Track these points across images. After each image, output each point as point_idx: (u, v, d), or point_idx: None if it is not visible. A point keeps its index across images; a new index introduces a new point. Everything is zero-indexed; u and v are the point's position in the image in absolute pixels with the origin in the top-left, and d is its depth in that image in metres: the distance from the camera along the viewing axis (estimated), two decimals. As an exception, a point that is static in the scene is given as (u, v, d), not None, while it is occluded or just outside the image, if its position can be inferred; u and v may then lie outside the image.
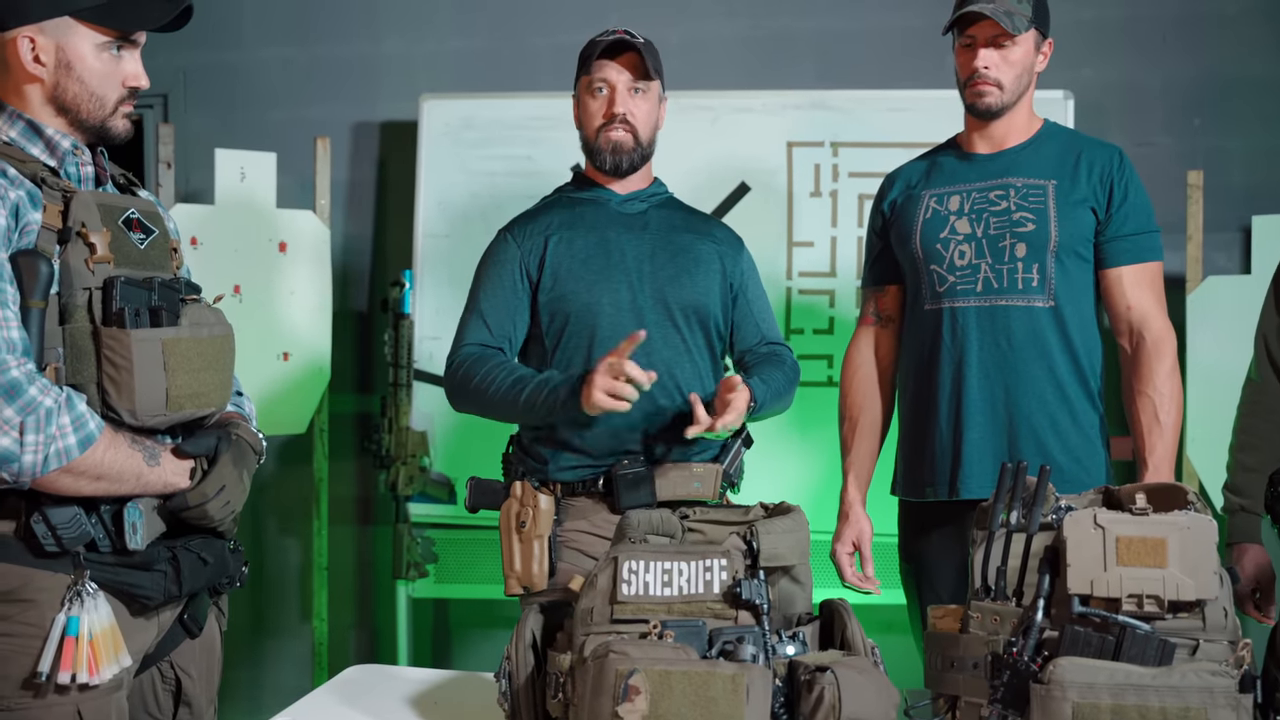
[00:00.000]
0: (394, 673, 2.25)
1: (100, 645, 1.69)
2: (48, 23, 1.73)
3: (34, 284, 1.66)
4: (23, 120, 1.76)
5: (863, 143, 3.68)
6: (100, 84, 1.77)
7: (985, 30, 2.42)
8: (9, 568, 1.69)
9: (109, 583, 1.73)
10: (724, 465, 2.41)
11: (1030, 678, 1.49)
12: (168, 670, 1.90)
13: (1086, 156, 2.47)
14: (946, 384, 2.46)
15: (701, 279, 2.47)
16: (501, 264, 2.46)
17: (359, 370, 4.14)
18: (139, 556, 1.74)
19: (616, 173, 2.46)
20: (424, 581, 3.81)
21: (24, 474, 1.63)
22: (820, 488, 3.34)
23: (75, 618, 1.68)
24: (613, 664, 1.47)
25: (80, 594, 1.69)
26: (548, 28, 4.04)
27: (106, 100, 1.78)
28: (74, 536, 1.69)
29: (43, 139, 1.77)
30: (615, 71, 2.41)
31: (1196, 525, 1.51)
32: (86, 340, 1.70)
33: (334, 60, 4.13)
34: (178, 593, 1.80)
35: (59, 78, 1.75)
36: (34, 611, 1.69)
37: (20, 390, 1.61)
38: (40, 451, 1.62)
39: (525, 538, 2.35)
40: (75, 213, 1.71)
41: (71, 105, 1.77)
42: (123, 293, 1.71)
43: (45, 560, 1.69)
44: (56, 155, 1.78)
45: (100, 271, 1.72)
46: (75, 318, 1.70)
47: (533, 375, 2.34)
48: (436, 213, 3.80)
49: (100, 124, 1.79)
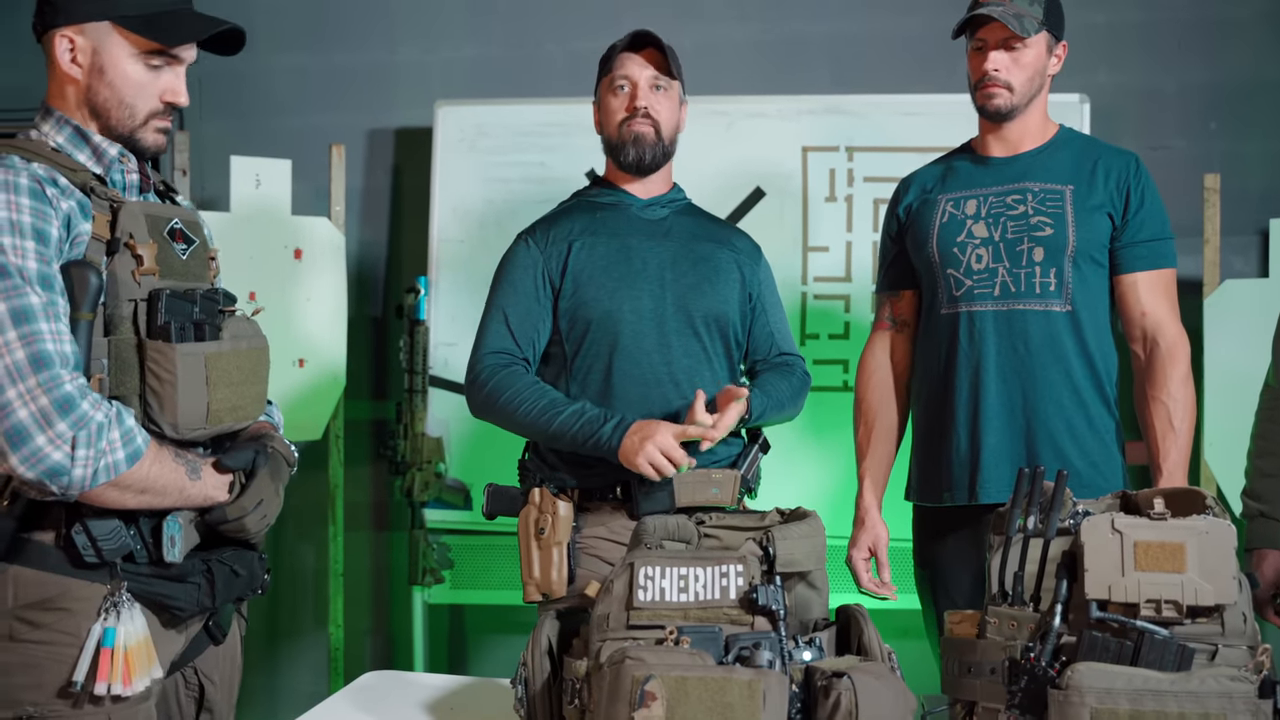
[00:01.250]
0: (410, 679, 2.26)
1: (134, 656, 1.70)
2: (88, 25, 1.75)
3: (84, 295, 1.68)
4: (70, 126, 1.78)
5: (878, 147, 3.68)
6: (132, 93, 1.77)
7: (995, 33, 2.41)
8: (48, 576, 1.70)
9: (144, 594, 1.74)
10: (742, 471, 2.40)
11: (1048, 683, 1.48)
12: (191, 676, 1.91)
13: (1104, 162, 2.47)
14: (964, 389, 2.46)
15: (722, 288, 2.47)
16: (524, 269, 2.46)
17: (374, 376, 4.14)
18: (175, 569, 1.76)
19: (639, 168, 2.46)
20: (440, 587, 3.81)
21: (73, 487, 1.63)
22: (836, 493, 3.33)
23: (111, 629, 1.69)
24: (629, 670, 1.47)
25: (117, 605, 1.70)
26: (562, 34, 4.05)
27: (137, 110, 1.78)
28: (114, 548, 1.69)
29: (89, 145, 1.78)
30: (638, 67, 2.42)
31: (1215, 530, 1.50)
32: (131, 353, 1.71)
33: (349, 67, 4.14)
34: (210, 605, 1.81)
35: (92, 80, 1.76)
36: (70, 620, 1.69)
37: (73, 405, 1.62)
38: (90, 466, 1.62)
39: (544, 544, 2.34)
40: (123, 224, 1.72)
41: (101, 110, 1.77)
42: (168, 306, 1.73)
43: (83, 570, 1.70)
44: (103, 163, 1.79)
45: (146, 284, 1.73)
46: (120, 329, 1.71)
47: (565, 403, 2.34)
48: (451, 219, 3.81)
49: (129, 134, 1.79)
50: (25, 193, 1.64)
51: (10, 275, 1.61)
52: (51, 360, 1.61)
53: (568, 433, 2.31)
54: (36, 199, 1.65)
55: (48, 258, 1.64)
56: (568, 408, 2.32)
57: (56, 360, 1.62)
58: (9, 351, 1.60)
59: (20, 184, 1.65)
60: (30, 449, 1.59)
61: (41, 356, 1.60)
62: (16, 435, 1.59)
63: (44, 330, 1.61)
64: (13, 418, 1.59)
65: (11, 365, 1.59)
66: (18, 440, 1.59)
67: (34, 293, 1.62)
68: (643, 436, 2.25)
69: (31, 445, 1.59)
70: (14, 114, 4.38)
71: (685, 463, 2.26)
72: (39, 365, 1.60)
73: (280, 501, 1.89)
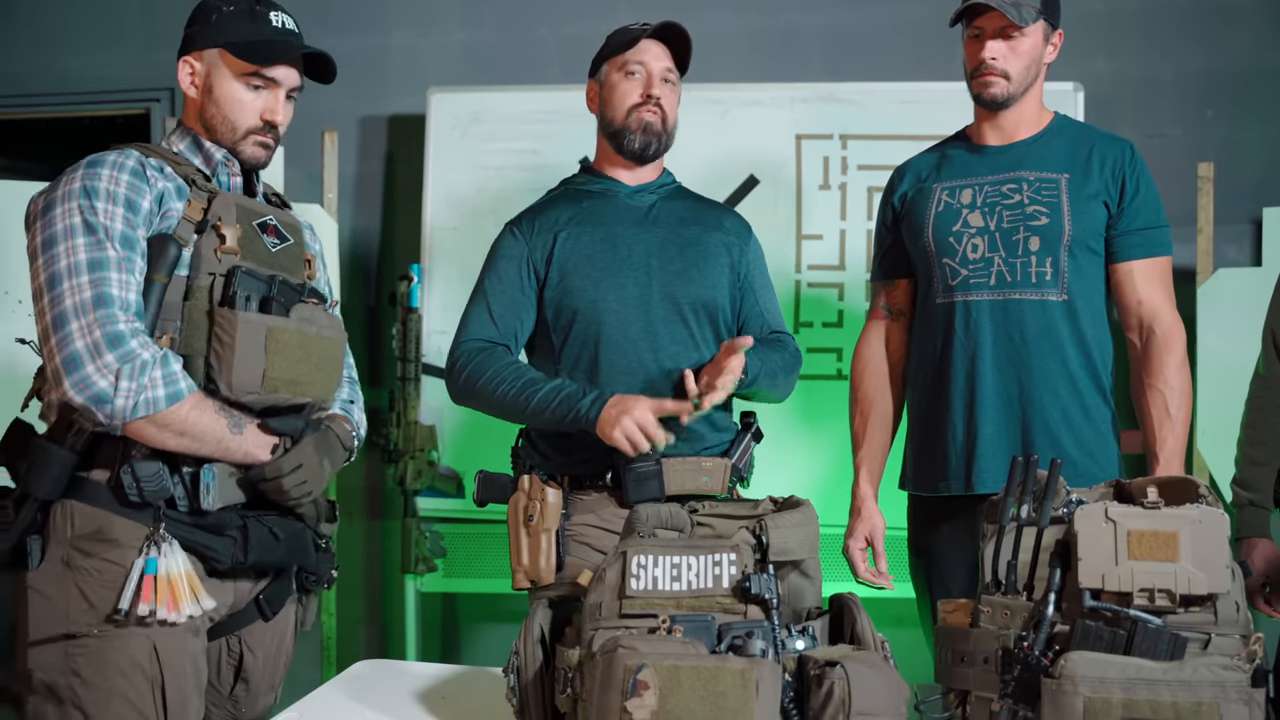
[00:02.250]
0: (403, 667, 2.25)
1: (178, 585, 1.86)
2: (205, 52, 2.03)
3: (162, 261, 1.90)
4: (190, 136, 2.05)
5: (871, 135, 3.67)
6: (233, 110, 2.02)
7: (993, 21, 2.41)
8: (97, 511, 1.87)
9: (182, 539, 1.89)
10: (733, 459, 2.40)
11: (1041, 672, 1.48)
12: (235, 644, 2.05)
13: (1099, 150, 2.46)
14: (960, 378, 2.45)
15: (710, 272, 2.46)
16: (508, 259, 2.46)
17: (367, 364, 4.13)
18: (211, 519, 1.92)
19: (642, 157, 2.47)
20: (432, 576, 3.81)
21: (115, 416, 1.82)
22: (829, 481, 3.33)
23: (153, 559, 1.85)
24: (621, 659, 1.46)
25: (157, 542, 1.86)
26: (556, 20, 4.04)
27: (238, 126, 2.03)
28: (155, 490, 1.86)
29: (202, 152, 2.04)
30: (654, 57, 2.42)
31: (1208, 519, 1.50)
32: (202, 317, 1.91)
33: (341, 53, 4.05)
34: (244, 559, 1.95)
35: (204, 100, 2.03)
36: (118, 551, 1.86)
37: (123, 340, 1.82)
38: (131, 398, 1.81)
39: (533, 531, 2.34)
40: (214, 209, 1.96)
41: (210, 124, 2.03)
42: (241, 281, 1.93)
43: (129, 509, 1.87)
44: (210, 165, 2.04)
45: (226, 261, 1.94)
46: (196, 297, 1.92)
47: (544, 380, 2.34)
48: (444, 206, 3.80)
49: (231, 146, 2.03)
50: (127, 170, 1.91)
51: (95, 231, 1.85)
52: (112, 300, 1.83)
53: (546, 409, 2.31)
54: (135, 176, 1.91)
55: (134, 223, 1.89)
56: (546, 384, 2.33)
57: (116, 302, 1.84)
58: (79, 290, 1.83)
59: (126, 164, 1.92)
60: (80, 375, 1.81)
61: (104, 297, 1.83)
62: (71, 362, 1.81)
63: (112, 277, 1.84)
64: (70, 347, 1.82)
65: (78, 302, 1.82)
66: (71, 366, 1.81)
67: (112, 248, 1.85)
68: (620, 410, 2.25)
69: (82, 372, 1.81)
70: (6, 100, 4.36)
71: (662, 441, 2.26)
72: (100, 304, 1.83)
73: (327, 476, 2.05)
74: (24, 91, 4.35)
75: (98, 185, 1.88)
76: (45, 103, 4.42)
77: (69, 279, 1.84)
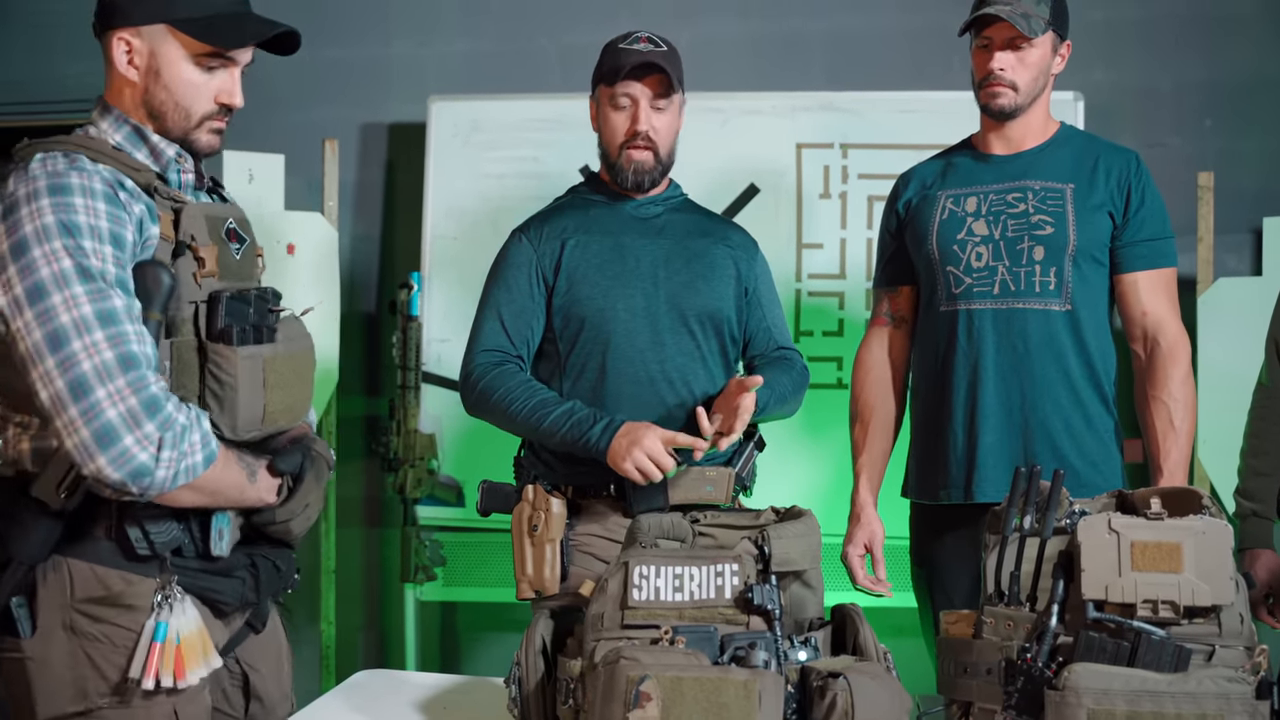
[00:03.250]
0: (403, 678, 2.25)
1: (188, 648, 1.71)
2: (145, 28, 1.76)
3: (157, 295, 1.69)
4: (128, 124, 1.79)
5: (872, 144, 3.67)
6: (187, 95, 1.79)
7: (1002, 32, 2.40)
8: (102, 570, 1.72)
9: (192, 587, 1.76)
10: (737, 469, 2.40)
11: (1044, 684, 1.48)
12: (234, 666, 1.93)
13: (1104, 161, 2.46)
14: (962, 386, 2.45)
15: (717, 284, 2.46)
16: (517, 267, 2.45)
17: (367, 373, 4.13)
18: (221, 563, 1.79)
19: (638, 191, 2.46)
20: (432, 585, 3.80)
21: (153, 488, 1.64)
22: (830, 490, 3.33)
23: (164, 623, 1.71)
24: (624, 670, 1.46)
25: (169, 599, 1.72)
26: (556, 29, 4.04)
27: (192, 113, 1.80)
28: (165, 541, 1.72)
29: (147, 145, 1.80)
30: (639, 90, 2.39)
31: (1212, 530, 1.50)
32: (192, 355, 1.73)
33: (342, 62, 4.12)
34: (255, 599, 1.86)
35: (148, 83, 1.78)
36: (128, 616, 1.72)
37: (160, 407, 1.63)
38: (172, 468, 1.64)
39: (537, 541, 2.34)
40: (185, 225, 1.75)
41: (158, 112, 1.79)
42: (228, 309, 1.74)
43: (135, 563, 1.72)
44: (161, 163, 1.81)
45: (206, 285, 1.75)
46: (181, 331, 1.73)
47: (555, 403, 2.33)
48: (445, 215, 3.79)
49: (184, 135, 1.81)
50: (101, 198, 1.66)
51: (95, 278, 1.62)
52: (139, 361, 1.62)
53: (557, 432, 2.31)
54: (111, 204, 1.67)
55: (123, 262, 1.66)
56: (558, 408, 2.32)
57: (143, 361, 1.63)
58: (98, 352, 1.60)
59: (95, 189, 1.66)
60: (119, 449, 1.60)
61: (130, 357, 1.62)
62: (106, 436, 1.59)
63: (129, 332, 1.63)
64: (102, 418, 1.59)
65: (100, 365, 1.60)
66: (107, 440, 1.59)
67: (117, 295, 1.63)
68: (631, 440, 2.24)
69: (120, 446, 1.60)
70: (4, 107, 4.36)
71: (672, 469, 2.26)
72: (127, 365, 1.61)
73: (322, 504, 1.94)
74: (22, 99, 4.34)
75: (76, 220, 1.63)
76: (44, 110, 4.42)
77: (79, 336, 1.59)
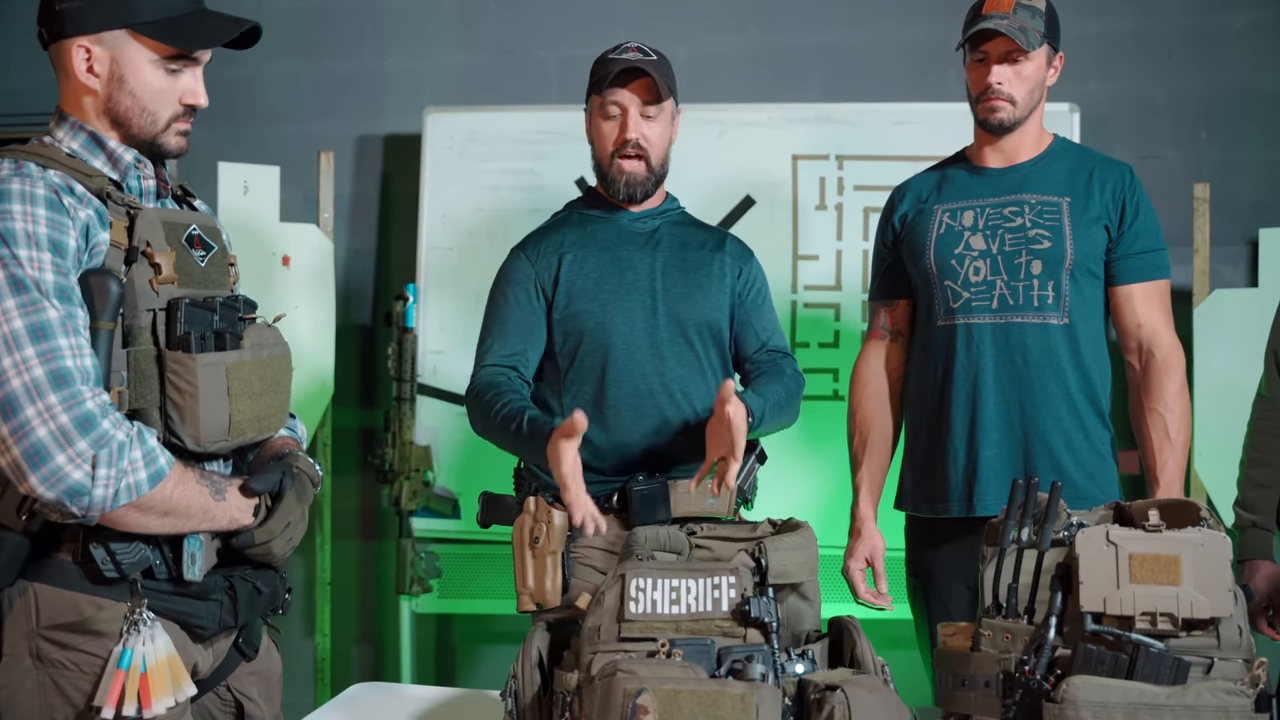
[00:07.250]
0: (399, 690, 2.25)
1: (155, 676, 1.65)
2: (105, 34, 1.70)
3: (104, 304, 1.64)
4: (85, 132, 1.74)
5: (868, 156, 3.67)
6: (153, 100, 1.74)
7: (999, 46, 2.41)
8: (70, 595, 1.66)
9: (165, 611, 1.71)
10: (739, 481, 2.39)
11: (1043, 697, 1.47)
12: (225, 694, 1.88)
13: (1099, 174, 2.46)
14: (961, 400, 2.45)
15: (714, 294, 2.46)
16: (517, 283, 2.45)
17: (362, 384, 4.12)
18: (196, 586, 1.72)
19: (630, 202, 2.46)
20: (427, 597, 3.79)
21: (93, 508, 1.58)
22: (827, 502, 3.33)
23: (128, 650, 1.65)
24: (621, 683, 1.45)
25: (137, 624, 1.66)
26: (552, 41, 4.04)
27: (159, 117, 1.75)
28: (132, 562, 1.66)
29: (105, 152, 1.75)
30: (627, 96, 2.39)
31: (1210, 542, 1.49)
32: (150, 364, 1.68)
33: (338, 74, 4.13)
34: (233, 623, 1.79)
35: (111, 90, 1.73)
36: (95, 642, 1.67)
37: (94, 423, 1.57)
38: (111, 486, 1.58)
39: (538, 554, 2.32)
40: (140, 231, 1.69)
41: (123, 119, 1.74)
42: (187, 315, 1.69)
43: (103, 587, 1.67)
44: (119, 169, 1.76)
45: (164, 292, 1.70)
46: (139, 340, 1.68)
47: (520, 411, 2.27)
48: (440, 226, 3.79)
49: (152, 140, 1.76)
50: (42, 203, 1.61)
51: (28, 289, 1.57)
52: (72, 377, 1.57)
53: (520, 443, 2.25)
54: (53, 209, 1.62)
55: (65, 269, 1.61)
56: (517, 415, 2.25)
57: (77, 377, 1.58)
58: (28, 369, 1.55)
59: (37, 194, 1.62)
60: (50, 468, 1.55)
61: (61, 373, 1.56)
62: (35, 454, 1.55)
63: (63, 346, 1.57)
64: (31, 436, 1.55)
65: (30, 382, 1.55)
66: (37, 460, 1.55)
67: (52, 306, 1.58)
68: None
69: (51, 464, 1.55)
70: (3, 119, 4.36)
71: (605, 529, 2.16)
72: (58, 382, 1.56)
73: (305, 524, 1.86)
74: (21, 110, 4.34)
75: (12, 226, 1.58)
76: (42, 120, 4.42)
77: (9, 353, 1.55)
